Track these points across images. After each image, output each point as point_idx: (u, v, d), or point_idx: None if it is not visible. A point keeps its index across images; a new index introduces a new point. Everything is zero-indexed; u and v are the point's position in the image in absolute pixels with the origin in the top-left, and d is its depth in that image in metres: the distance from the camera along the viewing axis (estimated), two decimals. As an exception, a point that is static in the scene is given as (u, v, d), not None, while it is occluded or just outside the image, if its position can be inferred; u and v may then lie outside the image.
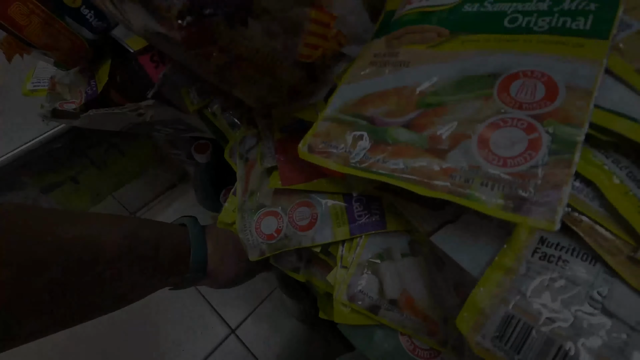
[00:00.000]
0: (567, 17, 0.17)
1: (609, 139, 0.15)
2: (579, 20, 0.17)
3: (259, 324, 0.69)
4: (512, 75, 0.17)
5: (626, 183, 0.15)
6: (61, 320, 0.23)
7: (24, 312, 0.20)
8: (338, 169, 0.19)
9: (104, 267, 0.23)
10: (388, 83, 0.20)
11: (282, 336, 0.68)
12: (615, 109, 0.15)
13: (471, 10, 0.20)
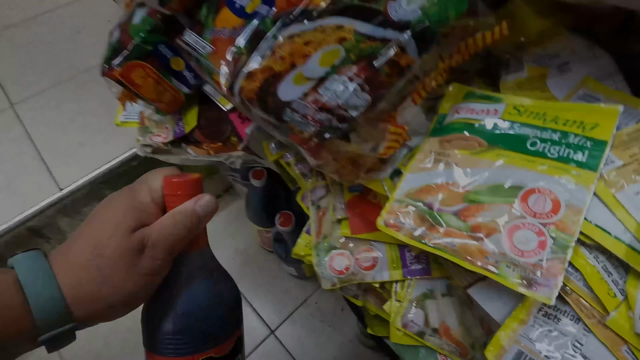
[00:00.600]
0: (571, 149, 0.25)
1: (591, 242, 0.23)
2: (578, 154, 0.25)
3: (296, 327, 0.78)
4: (530, 190, 0.25)
5: (601, 273, 0.23)
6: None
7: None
8: (406, 240, 0.27)
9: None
10: (441, 177, 0.29)
11: (316, 338, 0.77)
12: (598, 223, 0.23)
13: (504, 129, 0.28)
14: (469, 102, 0.31)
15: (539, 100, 0.29)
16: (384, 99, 0.27)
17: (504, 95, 0.30)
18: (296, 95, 0.27)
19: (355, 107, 0.26)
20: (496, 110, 0.29)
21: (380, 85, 0.26)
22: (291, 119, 0.27)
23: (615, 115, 0.26)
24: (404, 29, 0.26)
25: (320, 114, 0.26)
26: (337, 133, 0.26)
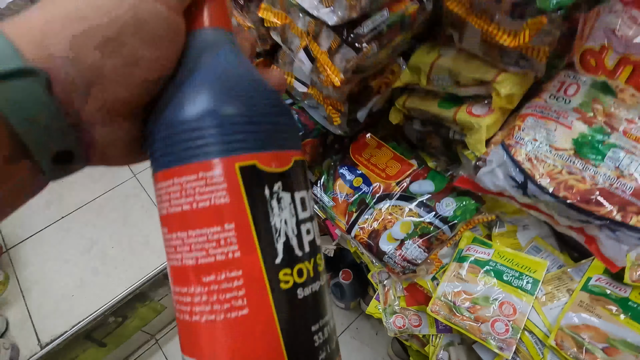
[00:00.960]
0: (523, 282, 0.53)
1: (529, 330, 0.51)
2: (527, 285, 0.53)
3: (342, 346, 1.06)
4: (503, 302, 0.53)
5: (534, 344, 0.50)
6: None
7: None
8: (441, 320, 0.55)
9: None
10: (460, 287, 0.56)
11: (358, 355, 1.05)
12: (532, 320, 0.51)
13: (492, 265, 0.56)
14: (474, 245, 0.58)
15: (511, 247, 0.57)
16: (434, 251, 0.55)
17: (493, 242, 0.58)
18: (389, 249, 0.55)
19: (419, 260, 0.53)
20: (488, 253, 0.57)
21: (431, 250, 0.54)
22: (387, 262, 0.55)
23: (544, 266, 0.53)
24: (444, 221, 0.54)
25: (403, 262, 0.53)
26: (410, 271, 0.54)
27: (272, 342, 0.17)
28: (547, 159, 0.44)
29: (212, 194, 0.16)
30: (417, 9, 0.45)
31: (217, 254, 0.16)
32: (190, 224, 0.17)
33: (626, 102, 0.44)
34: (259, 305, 0.17)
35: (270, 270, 0.17)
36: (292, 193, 0.18)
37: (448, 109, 0.52)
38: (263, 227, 0.17)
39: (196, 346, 0.17)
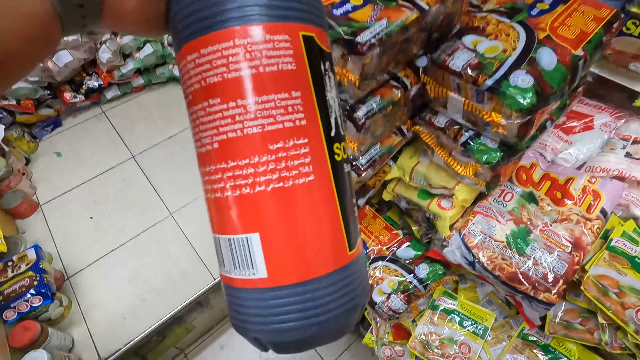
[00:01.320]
0: (477, 328, 0.72)
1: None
2: (480, 331, 0.72)
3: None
4: (462, 343, 0.72)
5: (481, 375, 0.70)
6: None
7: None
8: (418, 354, 0.74)
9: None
10: (432, 329, 0.76)
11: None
12: (482, 358, 0.70)
13: (458, 313, 0.75)
14: (444, 296, 0.78)
15: (471, 300, 0.76)
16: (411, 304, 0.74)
17: (458, 295, 0.77)
18: (379, 300, 0.74)
19: (401, 310, 0.73)
20: (454, 304, 0.76)
21: (410, 302, 0.73)
22: (377, 310, 0.74)
23: (493, 316, 0.72)
24: (420, 282, 0.73)
25: (389, 311, 0.73)
26: (394, 318, 0.73)
27: (332, 207, 0.18)
28: (488, 247, 0.64)
29: (280, 58, 0.16)
30: (400, 140, 0.65)
31: (285, 121, 0.16)
32: (256, 90, 0.16)
33: (544, 209, 0.64)
34: (322, 172, 0.17)
35: (328, 141, 0.18)
36: (334, 76, 0.19)
37: (424, 200, 0.72)
38: (322, 100, 0.17)
39: (258, 217, 0.17)
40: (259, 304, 0.17)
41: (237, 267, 0.18)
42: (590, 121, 0.70)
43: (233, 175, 0.17)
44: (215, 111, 0.17)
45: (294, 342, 0.18)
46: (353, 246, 0.19)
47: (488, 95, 0.49)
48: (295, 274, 0.17)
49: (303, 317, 0.17)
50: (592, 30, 0.50)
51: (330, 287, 0.17)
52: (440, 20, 0.51)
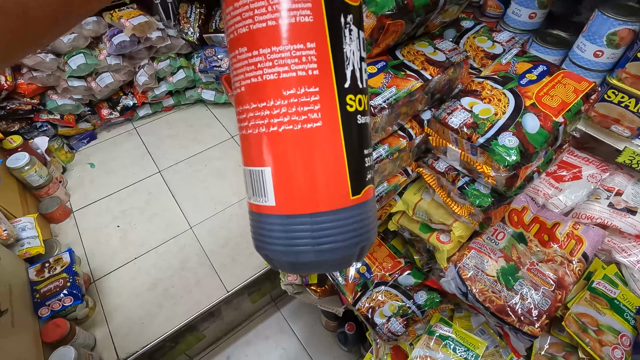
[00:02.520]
0: (469, 354, 0.78)
1: (469, 389, 0.76)
2: (471, 358, 0.78)
3: (344, 383, 1.30)
4: (454, 368, 0.78)
5: None
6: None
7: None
8: (413, 376, 0.80)
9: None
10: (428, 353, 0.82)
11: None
12: (472, 384, 0.76)
13: (453, 340, 0.82)
14: (440, 323, 0.84)
15: (465, 328, 0.82)
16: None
17: (453, 323, 0.84)
18: (380, 322, 0.81)
19: (400, 333, 0.80)
20: (449, 331, 0.83)
21: (408, 327, 0.80)
22: (377, 331, 0.81)
23: (484, 345, 0.78)
24: (418, 308, 0.80)
25: (389, 333, 0.80)
26: (393, 340, 0.80)
27: (338, 154, 0.19)
28: (480, 280, 0.71)
29: (298, 11, 0.18)
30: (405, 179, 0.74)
31: (298, 70, 0.18)
32: (276, 40, 0.18)
33: (532, 250, 0.71)
34: (331, 120, 0.19)
35: (340, 92, 0.19)
36: (359, 29, 0.20)
37: (425, 233, 0.80)
38: (337, 52, 0.19)
39: (270, 153, 0.19)
40: (267, 227, 0.21)
41: (254, 195, 0.21)
42: (579, 172, 0.78)
43: (254, 116, 0.19)
44: (243, 58, 0.19)
45: (295, 264, 0.21)
46: (357, 192, 0.20)
47: (480, 150, 0.58)
48: (297, 207, 0.19)
49: (304, 244, 0.20)
50: (572, 101, 0.59)
51: (331, 223, 0.20)
52: (442, 85, 0.61)
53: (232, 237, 1.39)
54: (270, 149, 0.19)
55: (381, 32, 0.54)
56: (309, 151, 0.19)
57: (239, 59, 0.19)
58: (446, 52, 0.62)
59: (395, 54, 0.62)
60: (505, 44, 0.74)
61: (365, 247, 0.22)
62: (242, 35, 0.19)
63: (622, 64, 0.64)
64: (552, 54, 0.74)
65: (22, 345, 0.93)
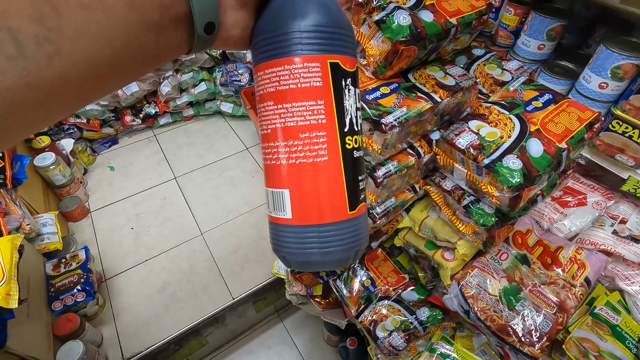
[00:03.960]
0: (470, 375, 0.79)
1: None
2: (471, 377, 0.78)
3: (343, 400, 1.29)
4: (454, 386, 0.78)
5: None
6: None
7: None
8: (412, 392, 0.81)
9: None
10: (428, 370, 0.82)
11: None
12: (471, 404, 0.76)
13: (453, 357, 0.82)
14: (442, 341, 0.85)
15: (467, 348, 0.82)
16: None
17: (454, 342, 0.84)
18: (382, 336, 0.82)
19: (401, 347, 0.81)
20: (450, 350, 0.83)
21: (409, 342, 0.81)
22: (379, 344, 0.82)
23: (485, 366, 0.79)
24: (420, 323, 0.81)
25: (390, 347, 0.81)
26: (393, 354, 0.81)
27: (339, 180, 0.25)
28: (482, 299, 0.72)
29: (312, 78, 0.23)
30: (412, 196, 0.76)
31: (311, 120, 0.24)
32: (295, 98, 0.23)
33: (535, 272, 0.73)
34: (334, 156, 0.24)
35: (341, 134, 0.25)
36: (355, 88, 0.26)
37: (430, 250, 0.82)
38: (340, 106, 0.24)
39: (289, 179, 0.25)
40: (286, 235, 0.26)
41: (275, 209, 0.26)
42: (584, 198, 0.79)
43: (277, 151, 0.25)
44: (270, 109, 0.24)
45: (305, 263, 0.26)
46: (353, 208, 0.26)
47: (485, 171, 0.61)
48: (309, 219, 0.25)
49: (312, 247, 0.25)
50: (575, 128, 0.62)
51: (333, 232, 0.25)
52: (451, 108, 0.65)
53: (241, 245, 1.43)
54: (289, 176, 0.25)
55: (395, 56, 0.58)
56: (318, 178, 0.24)
57: (267, 109, 0.25)
58: (456, 77, 0.66)
59: (408, 76, 0.66)
60: (514, 72, 0.78)
61: (359, 251, 0.27)
62: (270, 93, 0.24)
63: (626, 96, 0.67)
64: (560, 84, 0.78)
65: (34, 335, 0.97)
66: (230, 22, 0.23)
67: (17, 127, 0.17)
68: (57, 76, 0.16)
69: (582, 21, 0.88)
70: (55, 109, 0.18)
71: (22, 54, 0.15)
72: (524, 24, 0.83)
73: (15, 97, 0.15)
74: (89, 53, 0.17)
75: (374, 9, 0.59)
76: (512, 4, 0.84)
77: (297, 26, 0.23)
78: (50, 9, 0.15)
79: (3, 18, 0.14)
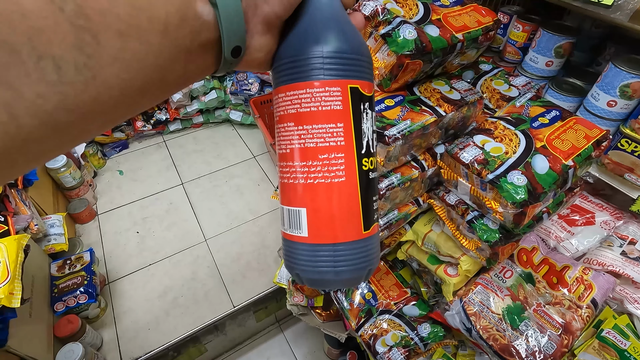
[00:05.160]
0: (471, 395, 0.76)
1: None
2: (472, 398, 0.76)
3: (341, 416, 1.26)
4: (454, 407, 0.76)
5: None
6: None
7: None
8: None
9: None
10: (428, 389, 0.80)
11: None
12: None
13: (452, 377, 0.80)
14: (443, 359, 0.83)
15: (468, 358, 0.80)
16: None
17: (456, 361, 0.82)
18: (382, 351, 0.81)
19: None
20: (451, 368, 0.81)
21: (409, 358, 0.79)
22: (378, 357, 0.80)
23: (487, 387, 0.76)
24: (421, 340, 0.79)
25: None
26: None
27: (355, 200, 0.25)
28: (485, 317, 0.71)
29: (332, 102, 0.24)
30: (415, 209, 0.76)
31: (330, 141, 0.24)
32: (316, 120, 0.24)
33: (540, 291, 0.71)
34: (351, 177, 0.25)
35: (359, 156, 0.25)
36: (372, 111, 0.26)
37: (433, 264, 0.81)
38: (358, 129, 0.25)
39: (306, 199, 0.25)
40: (300, 252, 0.26)
41: (291, 227, 0.26)
42: (592, 217, 0.78)
43: (295, 171, 0.25)
44: (290, 130, 0.25)
45: (318, 281, 0.26)
46: (367, 228, 0.26)
47: (489, 186, 0.60)
48: (325, 238, 0.25)
49: (326, 266, 0.25)
50: (582, 146, 0.61)
51: (347, 251, 0.26)
52: (456, 122, 0.64)
53: (244, 253, 1.42)
54: (306, 195, 0.25)
55: (400, 69, 0.59)
56: (335, 198, 0.25)
57: (286, 129, 0.25)
58: (461, 92, 0.66)
59: (413, 90, 0.66)
60: (521, 88, 0.78)
61: (372, 270, 0.28)
62: (290, 114, 0.25)
63: (635, 115, 0.66)
64: (568, 101, 0.77)
65: (35, 335, 0.97)
66: (255, 46, 0.24)
67: (52, 146, 0.17)
68: (92, 100, 0.17)
69: (593, 39, 0.88)
70: (87, 130, 0.18)
71: (62, 80, 0.16)
72: (532, 41, 0.83)
73: (51, 118, 0.16)
74: (122, 78, 0.18)
75: (381, 23, 0.60)
76: (520, 21, 0.84)
77: (319, 52, 0.24)
78: (91, 37, 0.16)
79: (48, 47, 0.15)
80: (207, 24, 0.21)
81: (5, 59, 0.14)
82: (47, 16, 0.15)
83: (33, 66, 0.15)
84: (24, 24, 0.14)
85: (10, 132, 0.15)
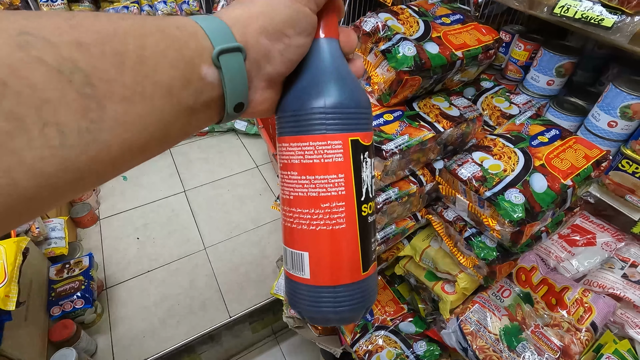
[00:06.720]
0: (467, 418, 0.74)
1: None
2: (468, 421, 0.74)
3: None
4: None
5: None
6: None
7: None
8: None
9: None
10: (422, 409, 0.78)
11: None
12: None
13: (448, 398, 0.78)
14: (439, 379, 0.81)
15: (465, 388, 0.78)
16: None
17: (453, 381, 0.80)
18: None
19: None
20: (447, 388, 0.79)
21: (405, 376, 0.78)
22: (373, 377, 0.79)
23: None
24: (417, 358, 0.78)
25: (384, 381, 0.78)
26: (388, 386, 0.78)
27: (355, 244, 0.26)
28: (482, 337, 0.69)
29: (334, 154, 0.25)
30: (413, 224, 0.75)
31: (332, 191, 0.25)
32: (318, 171, 0.25)
33: (538, 312, 0.69)
34: (351, 224, 0.26)
35: (358, 203, 0.26)
36: (371, 159, 0.28)
37: (430, 281, 0.80)
38: (358, 178, 0.26)
39: (309, 243, 0.26)
40: (302, 292, 0.27)
41: (293, 268, 0.27)
42: (593, 238, 0.77)
43: (298, 217, 0.26)
44: (293, 178, 0.26)
45: (319, 319, 0.28)
46: (366, 270, 0.28)
47: (487, 203, 0.60)
48: (325, 280, 0.27)
49: (327, 306, 0.27)
50: (582, 166, 0.61)
51: (347, 292, 0.27)
52: (454, 138, 0.65)
53: (243, 263, 1.42)
54: (309, 241, 0.26)
55: (399, 85, 0.59)
56: (335, 244, 0.26)
57: (290, 177, 0.26)
58: (461, 109, 0.66)
59: (412, 105, 0.66)
60: (522, 106, 0.78)
61: (370, 307, 0.29)
62: (294, 164, 0.26)
63: (636, 136, 0.66)
64: (568, 120, 0.77)
65: (29, 339, 0.97)
66: (258, 100, 0.25)
67: (48, 203, 0.18)
68: (91, 160, 0.17)
69: (596, 59, 0.88)
70: (83, 186, 0.19)
71: (64, 144, 0.16)
72: (533, 60, 0.83)
73: (50, 178, 0.16)
74: (124, 138, 0.18)
75: (381, 39, 0.61)
76: (522, 40, 0.85)
77: (321, 107, 0.25)
78: (96, 104, 0.16)
79: (53, 115, 0.15)
80: (211, 84, 0.21)
81: (11, 127, 0.14)
82: (55, 88, 0.15)
83: (38, 133, 0.15)
84: (33, 96, 0.15)
85: (8, 194, 0.15)
